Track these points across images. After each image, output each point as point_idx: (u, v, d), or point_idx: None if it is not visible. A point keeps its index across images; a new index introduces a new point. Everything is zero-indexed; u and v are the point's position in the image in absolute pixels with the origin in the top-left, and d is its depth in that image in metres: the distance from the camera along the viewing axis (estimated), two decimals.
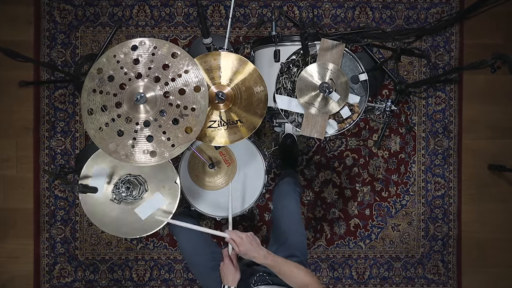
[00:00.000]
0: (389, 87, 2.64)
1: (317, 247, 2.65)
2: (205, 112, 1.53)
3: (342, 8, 2.64)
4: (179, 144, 1.52)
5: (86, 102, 1.53)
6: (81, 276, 2.61)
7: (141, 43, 1.52)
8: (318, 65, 1.69)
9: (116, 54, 1.52)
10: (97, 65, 1.53)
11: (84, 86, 1.53)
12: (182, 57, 1.52)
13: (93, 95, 1.52)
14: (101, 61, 1.53)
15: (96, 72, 1.53)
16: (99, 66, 1.53)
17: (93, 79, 1.53)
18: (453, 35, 2.65)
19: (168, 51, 1.52)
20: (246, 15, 2.63)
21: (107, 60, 1.53)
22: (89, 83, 1.53)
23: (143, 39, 1.53)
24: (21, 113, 2.59)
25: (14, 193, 2.59)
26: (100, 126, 1.53)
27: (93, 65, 1.53)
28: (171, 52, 1.52)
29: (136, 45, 1.52)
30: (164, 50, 1.52)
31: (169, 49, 1.52)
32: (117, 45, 1.53)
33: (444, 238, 2.66)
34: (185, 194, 1.99)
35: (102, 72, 1.53)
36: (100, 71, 1.53)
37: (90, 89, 1.53)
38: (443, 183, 2.66)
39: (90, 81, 1.53)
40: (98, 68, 1.53)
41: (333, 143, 2.64)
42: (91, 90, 1.52)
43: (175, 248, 2.61)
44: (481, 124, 2.66)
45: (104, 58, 1.53)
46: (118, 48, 1.53)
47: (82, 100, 1.54)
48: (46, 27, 2.59)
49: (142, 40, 1.52)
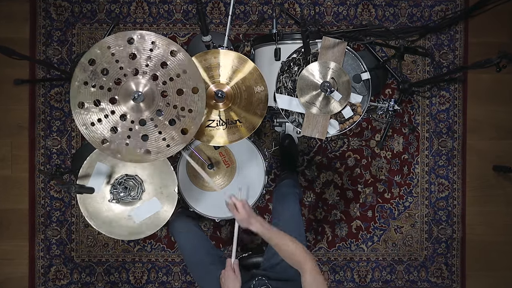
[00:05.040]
0: (392, 86, 2.61)
1: (318, 249, 2.62)
2: (202, 114, 1.51)
3: (345, 5, 2.60)
4: (175, 145, 1.50)
5: (77, 95, 1.47)
6: (77, 279, 2.57)
7: (139, 36, 1.46)
8: (320, 64, 1.68)
9: (110, 45, 1.46)
10: (89, 55, 1.45)
11: (74, 76, 1.46)
12: (181, 55, 1.49)
13: (84, 87, 1.47)
14: (94, 52, 1.46)
15: (88, 63, 1.46)
16: (92, 57, 1.46)
17: (85, 70, 1.46)
18: (457, 33, 2.61)
19: (167, 48, 1.48)
20: (246, 12, 2.59)
21: (100, 52, 1.46)
22: (80, 74, 1.46)
23: (141, 32, 1.46)
24: (16, 112, 2.55)
25: (8, 194, 2.56)
26: (92, 121, 1.48)
27: (85, 54, 1.45)
28: (170, 50, 1.48)
29: (133, 38, 1.46)
30: (163, 47, 1.47)
31: (168, 46, 1.48)
32: (112, 36, 1.46)
33: (448, 240, 2.62)
34: (184, 194, 1.97)
35: (95, 64, 1.46)
36: (93, 63, 1.46)
37: (81, 81, 1.46)
38: (447, 184, 2.62)
39: (81, 72, 1.46)
40: (90, 59, 1.46)
41: (334, 144, 2.60)
42: (82, 82, 1.46)
43: (173, 250, 2.58)
44: (486, 124, 2.63)
45: (97, 48, 1.46)
46: (113, 40, 1.46)
47: (72, 92, 1.47)
48: (42, 24, 2.55)
49: (140, 33, 1.46)
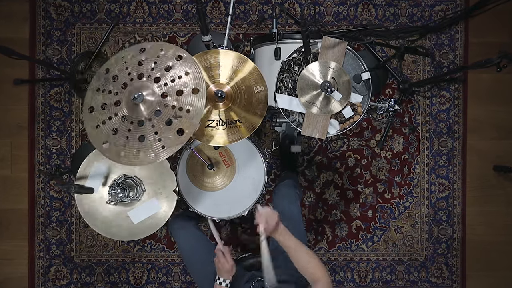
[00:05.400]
0: (392, 86, 2.60)
1: (318, 249, 2.61)
2: (200, 115, 1.50)
3: (345, 5, 2.59)
4: (169, 146, 1.48)
5: (89, 101, 1.55)
6: (76, 279, 2.57)
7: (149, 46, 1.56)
8: (320, 64, 1.68)
9: (124, 56, 1.56)
10: (106, 65, 1.57)
11: (90, 85, 1.57)
12: (186, 59, 1.52)
13: (96, 93, 1.55)
14: (110, 62, 1.58)
15: (104, 72, 1.56)
16: (107, 67, 1.57)
17: (99, 78, 1.56)
18: (458, 33, 2.61)
19: (173, 54, 1.53)
20: (246, 12, 2.58)
21: (115, 62, 1.57)
22: (96, 82, 1.57)
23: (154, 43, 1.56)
24: (16, 112, 2.55)
25: (8, 194, 2.56)
26: (97, 124, 1.53)
27: (103, 65, 1.57)
28: (176, 55, 1.52)
29: (145, 48, 1.56)
30: (169, 53, 1.53)
31: (174, 52, 1.53)
32: (129, 48, 1.58)
33: (448, 240, 2.62)
34: (183, 195, 1.96)
35: (109, 72, 1.56)
36: (107, 71, 1.56)
37: (95, 88, 1.56)
38: (447, 184, 2.61)
39: (96, 80, 1.57)
40: (106, 68, 1.56)
41: (334, 143, 2.59)
42: (95, 89, 1.56)
43: (173, 250, 2.57)
44: (487, 124, 2.63)
45: (114, 60, 1.58)
46: (129, 52, 1.57)
47: (86, 99, 1.57)
48: (41, 24, 2.54)
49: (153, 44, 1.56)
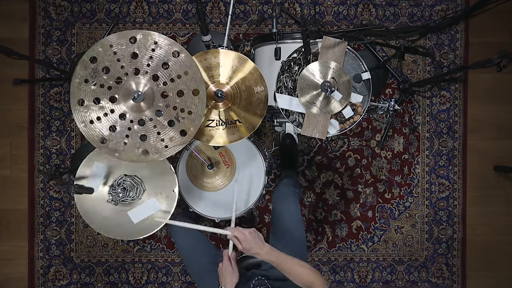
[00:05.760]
0: (392, 86, 2.59)
1: (318, 249, 2.61)
2: (202, 116, 1.49)
3: (345, 5, 2.59)
4: (173, 146, 1.48)
5: (77, 92, 1.46)
6: (76, 279, 2.56)
7: (141, 36, 1.46)
8: (320, 64, 1.67)
9: (113, 44, 1.45)
10: (91, 52, 1.45)
11: (74, 73, 1.46)
12: (183, 56, 1.47)
13: (85, 85, 1.46)
14: (96, 50, 1.46)
15: (90, 61, 1.45)
16: (93, 55, 1.45)
17: (86, 67, 1.46)
18: (458, 33, 2.60)
19: (169, 49, 1.47)
20: (246, 12, 2.58)
21: (102, 50, 1.46)
22: (81, 71, 1.46)
23: (144, 32, 1.46)
24: (15, 112, 2.54)
25: (8, 194, 2.56)
26: (91, 119, 1.47)
27: (87, 52, 1.46)
28: (172, 51, 1.47)
29: (135, 38, 1.45)
30: (165, 47, 1.46)
31: (170, 47, 1.47)
32: (115, 34, 1.46)
33: (449, 241, 2.61)
34: (183, 195, 1.96)
35: (97, 62, 1.46)
36: (95, 61, 1.46)
37: (82, 78, 1.46)
38: (447, 184, 2.61)
39: (82, 69, 1.46)
40: (92, 56, 1.46)
41: (335, 143, 2.59)
42: (83, 79, 1.46)
43: (172, 251, 2.57)
44: (487, 124, 2.62)
45: (99, 46, 1.46)
46: (116, 39, 1.46)
47: (72, 88, 1.46)
48: (41, 23, 2.54)
49: (143, 32, 1.45)
